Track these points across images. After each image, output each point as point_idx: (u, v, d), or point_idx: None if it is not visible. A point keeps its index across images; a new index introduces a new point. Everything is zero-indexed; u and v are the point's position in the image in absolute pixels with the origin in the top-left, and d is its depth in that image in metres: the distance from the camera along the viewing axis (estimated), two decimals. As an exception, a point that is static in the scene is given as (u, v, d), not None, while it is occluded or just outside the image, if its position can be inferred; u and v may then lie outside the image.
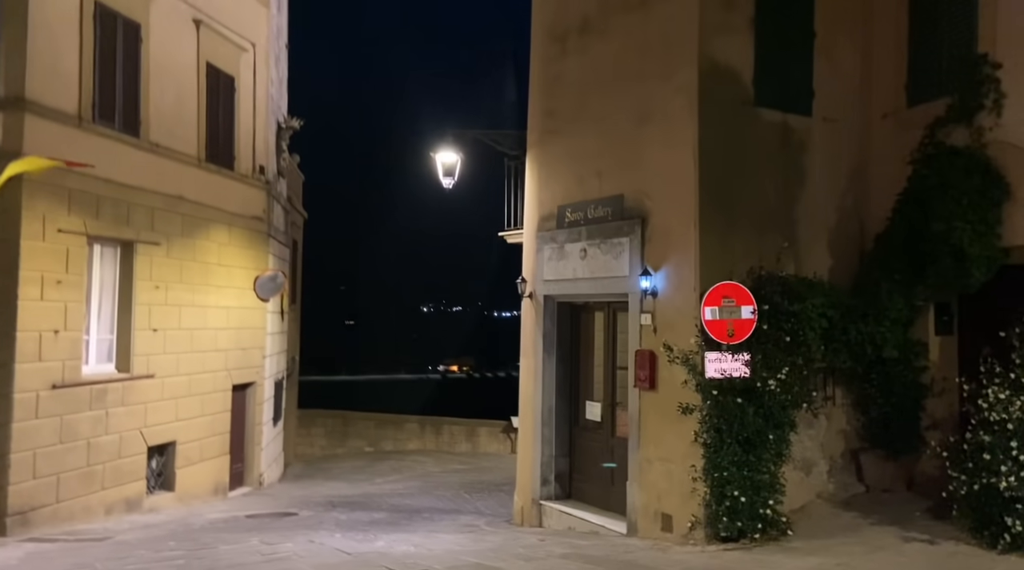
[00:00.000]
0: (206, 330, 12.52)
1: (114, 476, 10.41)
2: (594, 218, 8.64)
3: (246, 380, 13.83)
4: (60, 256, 9.59)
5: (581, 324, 9.48)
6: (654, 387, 7.65)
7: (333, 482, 15.91)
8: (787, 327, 7.00)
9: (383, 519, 10.57)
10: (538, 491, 9.33)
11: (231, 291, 13.27)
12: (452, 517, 11.20)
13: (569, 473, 9.39)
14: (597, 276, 8.55)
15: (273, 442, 15.68)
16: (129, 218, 10.77)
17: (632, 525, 7.82)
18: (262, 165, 14.53)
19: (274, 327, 15.39)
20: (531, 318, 9.79)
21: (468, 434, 21.26)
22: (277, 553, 7.37)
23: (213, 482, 12.69)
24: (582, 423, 9.34)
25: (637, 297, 7.94)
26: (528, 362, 9.89)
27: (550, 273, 9.37)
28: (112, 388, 10.39)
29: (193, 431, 12.09)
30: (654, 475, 7.59)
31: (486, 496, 14.34)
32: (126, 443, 10.62)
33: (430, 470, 18.05)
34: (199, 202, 12.26)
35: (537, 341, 9.57)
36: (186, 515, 10.94)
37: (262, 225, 14.35)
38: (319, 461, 19.68)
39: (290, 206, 17.54)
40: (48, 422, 9.34)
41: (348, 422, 21.15)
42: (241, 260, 13.57)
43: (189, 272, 12.06)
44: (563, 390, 9.44)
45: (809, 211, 7.97)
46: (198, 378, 12.24)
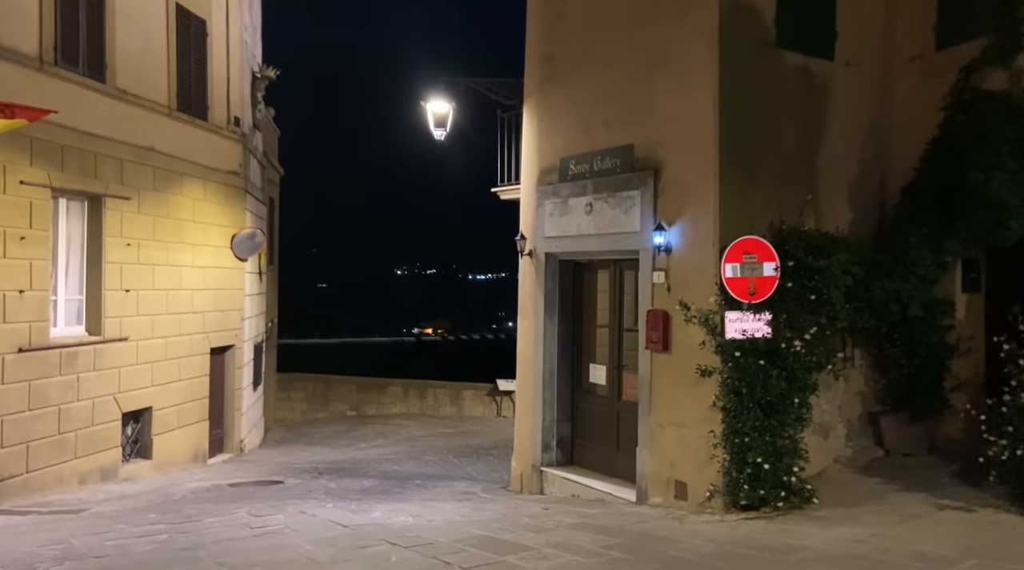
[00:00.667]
0: (182, 291, 11.87)
1: (87, 444, 9.84)
2: (601, 170, 8.12)
3: (225, 343, 13.23)
4: (23, 210, 8.86)
5: (584, 283, 9.01)
6: (667, 349, 7.24)
7: (316, 447, 15.47)
8: (811, 285, 6.60)
9: (374, 487, 10.15)
10: (539, 457, 8.95)
11: (207, 250, 12.59)
12: (445, 484, 10.82)
13: (571, 438, 9.02)
14: (604, 232, 8.07)
15: (253, 407, 15.15)
16: (96, 170, 10.03)
17: (642, 493, 7.47)
18: (237, 116, 13.73)
19: (253, 288, 14.74)
20: (530, 277, 9.31)
21: (453, 397, 20.89)
22: (267, 526, 6.90)
23: (192, 449, 12.17)
24: (585, 387, 8.94)
25: (649, 254, 7.47)
26: (527, 323, 9.43)
27: (552, 229, 8.86)
28: (83, 352, 9.76)
29: (170, 396, 11.52)
30: (666, 441, 7.22)
31: (476, 461, 14.02)
32: (99, 409, 10.03)
33: (415, 434, 17.68)
34: (171, 154, 11.51)
35: (537, 301, 9.10)
36: (165, 484, 10.43)
37: (238, 180, 13.61)
38: (300, 426, 19.21)
39: (266, 162, 16.75)
40: (15, 388, 8.72)
41: (330, 386, 20.64)
42: (217, 217, 12.87)
43: (162, 229, 11.37)
44: (565, 352, 9.01)
45: (829, 162, 7.52)
46: (174, 341, 11.63)
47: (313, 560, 5.55)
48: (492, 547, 5.77)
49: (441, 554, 5.60)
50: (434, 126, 10.55)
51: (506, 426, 19.86)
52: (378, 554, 5.71)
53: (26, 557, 5.75)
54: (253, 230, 13.73)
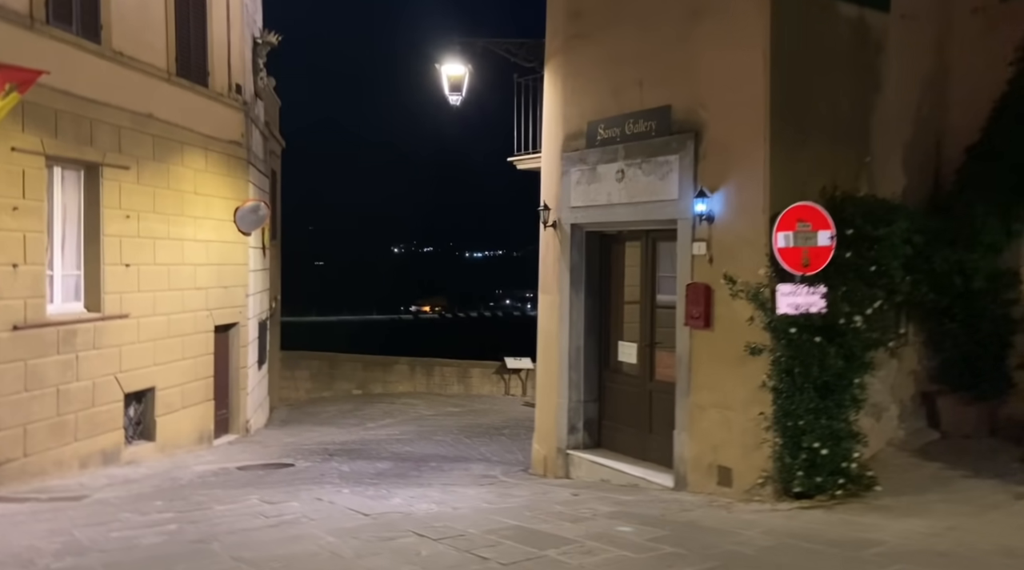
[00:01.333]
0: (184, 266, 11.35)
1: (88, 426, 9.37)
2: (634, 134, 7.57)
3: (229, 321, 12.73)
4: (15, 179, 8.31)
5: (612, 256, 8.50)
6: (709, 325, 6.74)
7: (323, 427, 15.05)
8: (870, 255, 6.10)
9: (389, 470, 9.72)
10: (565, 439, 8.50)
11: (210, 223, 12.05)
12: (462, 466, 10.39)
13: (598, 420, 8.55)
14: (637, 201, 7.54)
15: (258, 386, 14.69)
16: (92, 137, 9.46)
17: (680, 478, 7.02)
18: (238, 83, 13.11)
19: (256, 264, 14.22)
20: (553, 250, 8.79)
21: (460, 376, 20.48)
22: (283, 515, 6.45)
23: (197, 430, 11.72)
24: (613, 366, 8.46)
25: (688, 223, 6.96)
26: (550, 298, 8.93)
27: (578, 199, 8.33)
28: (82, 329, 9.26)
29: (173, 376, 11.04)
30: (708, 423, 6.76)
31: (488, 441, 13.62)
32: (100, 390, 9.55)
33: (423, 413, 17.28)
34: (171, 122, 10.92)
35: (562, 275, 8.59)
36: (170, 467, 9.98)
37: (241, 150, 13.03)
38: (305, 405, 18.79)
39: (268, 132, 16.14)
40: (10, 367, 8.22)
41: (334, 364, 20.20)
42: (219, 189, 12.31)
43: (163, 201, 10.81)
44: (591, 329, 8.51)
45: (883, 122, 6.98)
46: (177, 318, 11.13)
47: (337, 554, 5.10)
48: (529, 539, 5.32)
49: (475, 548, 5.15)
50: (449, 90, 9.96)
51: (515, 405, 19.49)
52: (406, 547, 5.26)
53: (24, 551, 5.29)
54: (257, 202, 13.18)
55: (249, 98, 13.62)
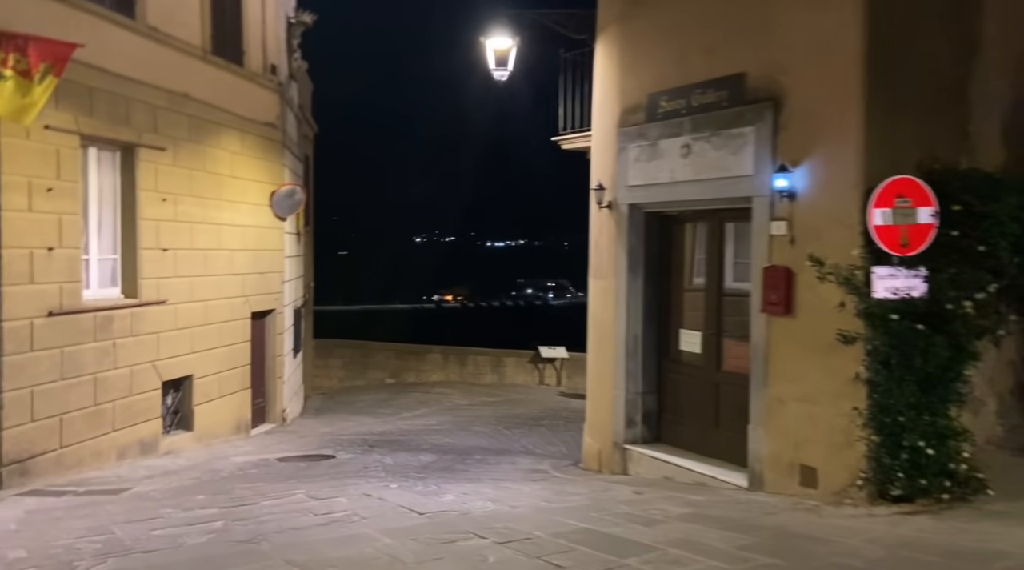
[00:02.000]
0: (221, 251, 11.02)
1: (125, 415, 9.08)
2: (702, 106, 7.04)
3: (265, 308, 12.42)
4: (49, 158, 7.98)
5: (673, 238, 7.98)
6: (789, 312, 6.21)
7: (359, 417, 14.73)
8: (976, 234, 5.53)
9: (433, 463, 9.32)
10: (622, 434, 8.02)
11: (246, 207, 11.71)
12: (508, 459, 9.97)
13: (658, 413, 8.06)
14: (705, 177, 7.01)
15: (294, 375, 14.40)
16: (128, 116, 9.11)
17: (756, 477, 6.51)
18: (274, 64, 12.74)
19: (292, 249, 13.89)
20: (609, 232, 8.29)
21: (494, 365, 20.08)
22: (332, 512, 6.06)
23: (234, 419, 11.43)
24: (673, 355, 7.95)
25: (766, 201, 6.41)
26: (603, 284, 8.44)
27: (637, 177, 7.81)
28: (119, 316, 8.95)
29: (211, 364, 10.73)
30: (789, 419, 6.24)
31: (528, 432, 13.21)
32: (137, 378, 9.25)
33: (458, 403, 16.91)
34: (206, 102, 10.56)
35: (618, 259, 8.09)
36: (209, 458, 9.68)
37: (276, 133, 12.67)
38: (338, 394, 18.51)
39: (302, 116, 15.78)
40: (46, 355, 7.93)
41: (367, 353, 19.90)
42: (255, 172, 11.96)
43: (199, 184, 10.47)
44: (650, 317, 8.01)
45: (982, 88, 6.37)
46: (214, 305, 10.81)
47: (396, 558, 4.67)
48: (603, 545, 4.86)
49: (546, 554, 4.69)
50: (494, 65, 9.46)
51: (550, 395, 19.06)
52: (470, 551, 4.82)
53: (62, 552, 4.94)
54: (292, 186, 12.82)
55: (284, 79, 13.25)
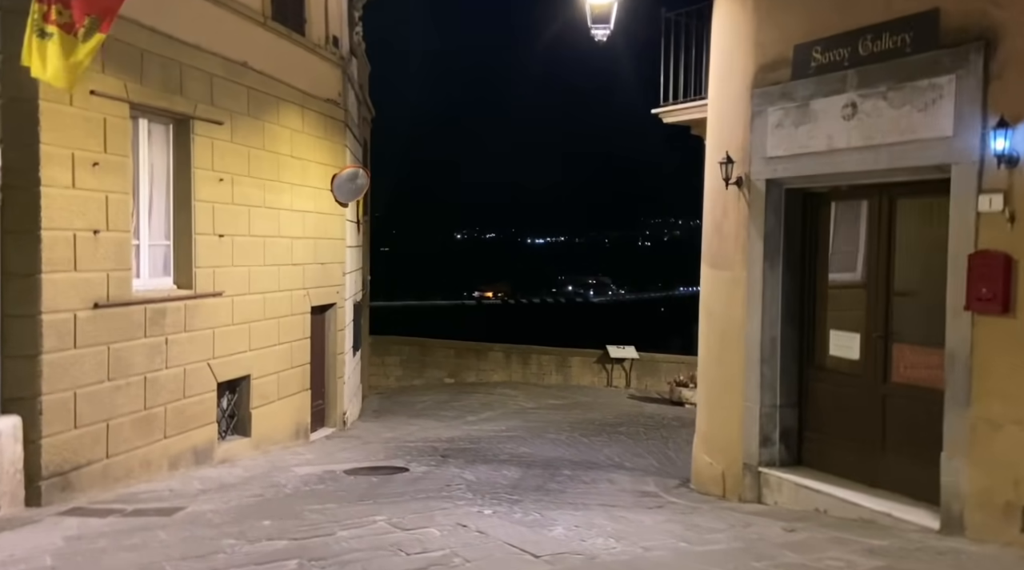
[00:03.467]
0: (280, 238, 10.02)
1: (178, 420, 8.11)
2: (874, 54, 5.73)
3: (325, 301, 11.41)
4: (95, 128, 7.01)
5: (820, 220, 6.68)
6: (1008, 310, 4.90)
7: (421, 420, 13.67)
8: None
9: (522, 481, 8.17)
10: (755, 454, 6.75)
11: (307, 192, 10.70)
12: (603, 476, 8.79)
13: (798, 430, 6.77)
14: (879, 142, 5.70)
15: (353, 374, 13.40)
16: (182, 85, 8.12)
17: (953, 519, 5.20)
18: (335, 36, 11.71)
19: (352, 239, 12.88)
20: (736, 213, 7.02)
21: (559, 364, 18.90)
22: (427, 551, 4.94)
23: (294, 423, 10.43)
24: (819, 362, 6.66)
25: (971, 169, 5.10)
26: (728, 275, 7.18)
27: (778, 146, 6.53)
28: (171, 308, 7.97)
29: (269, 363, 9.74)
30: (1004, 447, 4.93)
31: (608, 441, 12.02)
32: (192, 378, 8.28)
33: (524, 406, 15.77)
34: (266, 74, 9.55)
35: (751, 245, 6.82)
36: (269, 468, 8.68)
37: (339, 111, 11.64)
38: (396, 394, 17.50)
39: (362, 96, 14.76)
40: (91, 352, 6.97)
41: (426, 350, 18.86)
42: (316, 153, 10.94)
43: (258, 163, 9.47)
44: (791, 315, 6.73)
45: None
46: (273, 298, 9.81)
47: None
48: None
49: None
50: (592, 23, 8.24)
51: (620, 398, 17.81)
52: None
53: (107, 607, 3.90)
54: (355, 169, 11.78)
55: (345, 53, 12.21)
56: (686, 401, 16.55)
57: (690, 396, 16.56)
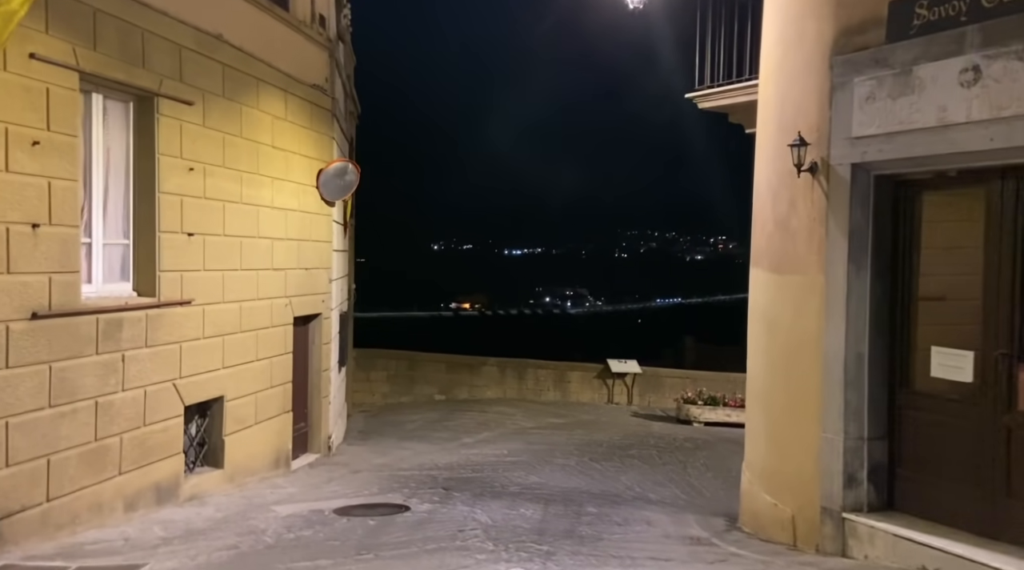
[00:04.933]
0: (259, 239, 8.76)
1: (137, 453, 6.81)
2: (1005, 4, 4.66)
3: (310, 311, 10.15)
4: (36, 100, 5.74)
5: (916, 213, 5.58)
6: None
7: (413, 443, 12.42)
8: None
9: (543, 522, 6.99)
10: (836, 495, 5.60)
11: (290, 187, 9.46)
12: (636, 514, 7.63)
13: (889, 467, 5.64)
14: (1015, 113, 4.62)
15: (339, 392, 12.11)
16: (146, 56, 6.88)
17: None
18: (322, 15, 10.50)
19: (339, 242, 11.63)
20: (810, 205, 5.92)
21: (557, 379, 17.74)
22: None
23: (273, 451, 9.14)
24: (915, 384, 5.55)
25: None
26: (799, 280, 6.07)
27: (868, 124, 5.44)
28: (130, 320, 6.69)
29: (246, 381, 8.46)
30: None
31: (622, 466, 10.90)
32: (154, 402, 6.98)
33: (524, 425, 14.58)
34: (245, 50, 8.32)
35: (831, 244, 5.71)
36: (244, 507, 7.39)
37: (325, 99, 10.42)
38: (384, 412, 16.20)
39: (349, 88, 13.53)
40: (28, 373, 5.68)
41: (414, 365, 17.59)
42: (300, 144, 9.71)
43: (235, 153, 8.22)
44: (880, 328, 5.62)
45: None
46: (251, 307, 8.54)
47: None
48: None
49: None
50: (627, -7, 7.17)
51: (623, 415, 16.67)
52: None
53: None
54: (344, 164, 10.56)
55: (333, 35, 11.00)
56: (694, 419, 15.48)
57: (699, 414, 15.49)
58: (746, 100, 7.74)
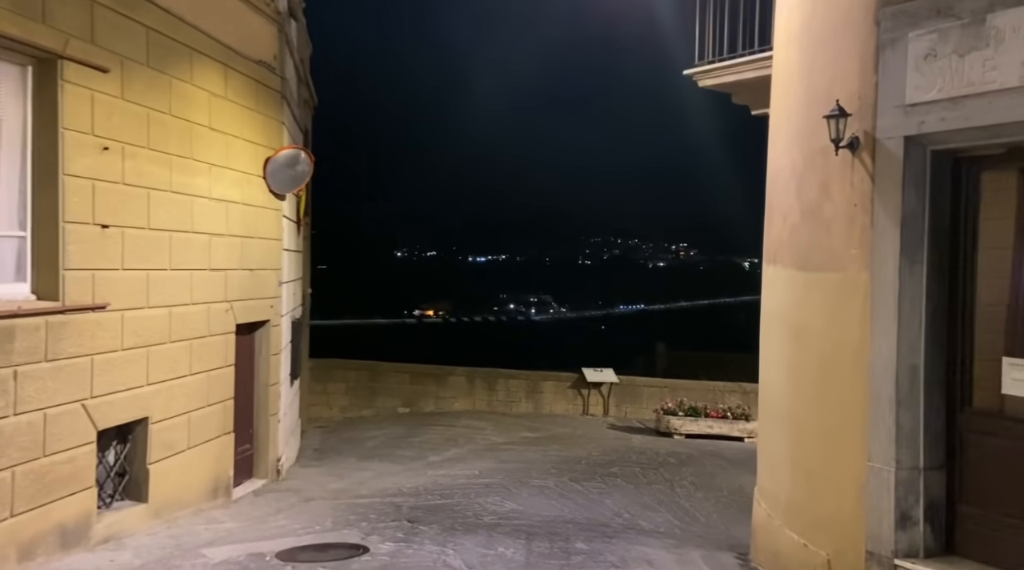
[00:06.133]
0: (194, 235, 7.56)
1: (35, 489, 5.58)
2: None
3: (256, 318, 8.95)
4: None
5: (981, 197, 4.66)
6: None
7: (374, 462, 11.26)
8: None
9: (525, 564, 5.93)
10: (888, 539, 4.63)
11: (231, 176, 8.27)
12: (633, 549, 6.60)
13: (949, 503, 4.69)
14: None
15: (291, 408, 10.88)
16: (47, 9, 5.67)
17: None
18: (271, -15, 9.33)
19: (291, 241, 10.44)
20: (849, 189, 4.98)
21: (529, 390, 16.70)
22: None
23: (211, 478, 7.91)
24: (981, 404, 4.62)
25: None
26: (835, 278, 5.11)
27: (927, 88, 4.51)
28: (25, 328, 5.46)
29: (177, 400, 7.23)
30: None
31: (605, 487, 9.97)
32: (57, 427, 5.75)
33: (495, 440, 13.50)
34: (175, 14, 7.15)
35: (880, 234, 4.76)
36: (171, 552, 6.18)
37: (274, 79, 9.25)
38: (342, 427, 14.95)
39: (303, 73, 12.36)
40: None
41: (376, 375, 16.37)
42: (244, 127, 8.53)
43: (163, 132, 7.02)
44: (936, 336, 4.67)
45: None
46: (183, 313, 7.33)
47: None
48: None
49: None
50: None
51: (600, 428, 15.69)
52: None
53: None
54: (295, 151, 9.39)
55: (283, 9, 9.84)
56: (675, 431, 14.57)
57: (679, 426, 14.59)
58: (755, 76, 6.82)
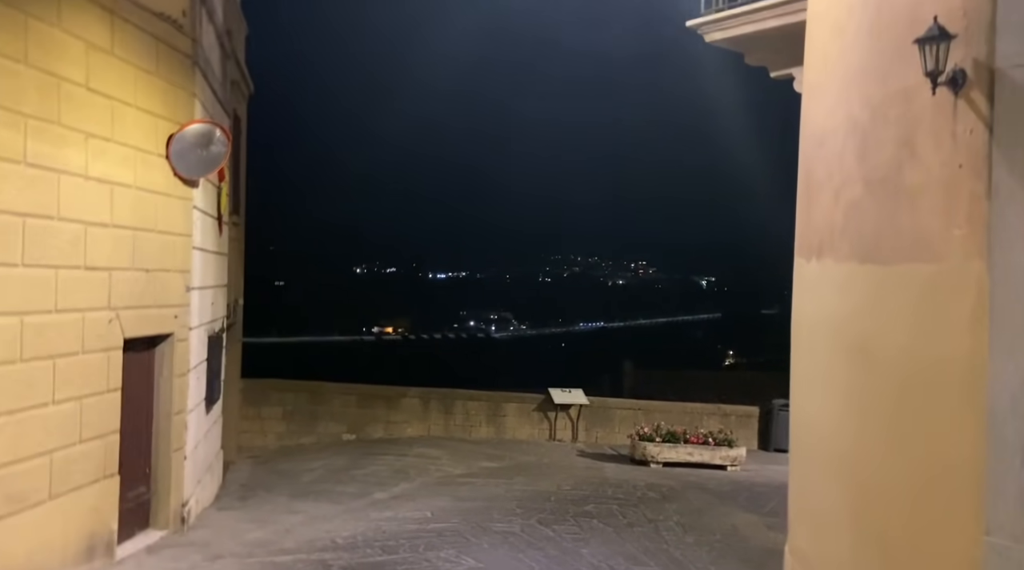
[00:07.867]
0: (61, 222, 5.84)
1: None
2: None
3: (152, 331, 7.22)
4: None
5: None
6: None
7: (308, 502, 9.53)
8: None
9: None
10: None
11: (119, 152, 6.57)
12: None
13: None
14: None
15: (205, 441, 9.07)
16: None
17: None
18: (181, -74, 7.67)
19: (207, 239, 8.70)
20: (943, 143, 3.54)
21: (491, 413, 15.12)
22: None
23: (83, 535, 6.13)
24: None
25: None
26: (922, 271, 3.67)
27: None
28: None
29: (31, 437, 5.48)
30: None
31: (580, 531, 8.54)
32: None
33: (451, 472, 11.88)
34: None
35: (1003, 203, 3.33)
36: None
37: (183, 40, 7.58)
38: (277, 458, 13.12)
39: (230, 50, 10.67)
40: None
41: (318, 398, 14.57)
42: (139, 94, 6.84)
43: (15, 86, 5.34)
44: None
45: None
46: (42, 323, 5.58)
47: None
48: None
49: None
50: None
51: (569, 455, 14.14)
52: None
53: None
54: (208, 127, 7.69)
55: (199, -40, 8.17)
56: (652, 459, 13.10)
57: (657, 453, 13.13)
58: (780, 24, 5.40)
